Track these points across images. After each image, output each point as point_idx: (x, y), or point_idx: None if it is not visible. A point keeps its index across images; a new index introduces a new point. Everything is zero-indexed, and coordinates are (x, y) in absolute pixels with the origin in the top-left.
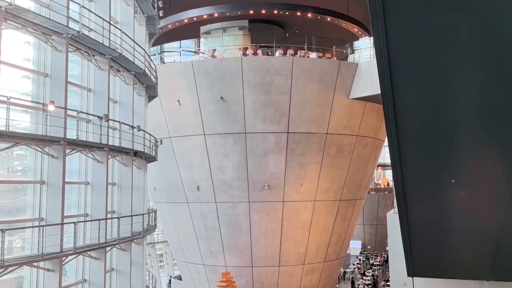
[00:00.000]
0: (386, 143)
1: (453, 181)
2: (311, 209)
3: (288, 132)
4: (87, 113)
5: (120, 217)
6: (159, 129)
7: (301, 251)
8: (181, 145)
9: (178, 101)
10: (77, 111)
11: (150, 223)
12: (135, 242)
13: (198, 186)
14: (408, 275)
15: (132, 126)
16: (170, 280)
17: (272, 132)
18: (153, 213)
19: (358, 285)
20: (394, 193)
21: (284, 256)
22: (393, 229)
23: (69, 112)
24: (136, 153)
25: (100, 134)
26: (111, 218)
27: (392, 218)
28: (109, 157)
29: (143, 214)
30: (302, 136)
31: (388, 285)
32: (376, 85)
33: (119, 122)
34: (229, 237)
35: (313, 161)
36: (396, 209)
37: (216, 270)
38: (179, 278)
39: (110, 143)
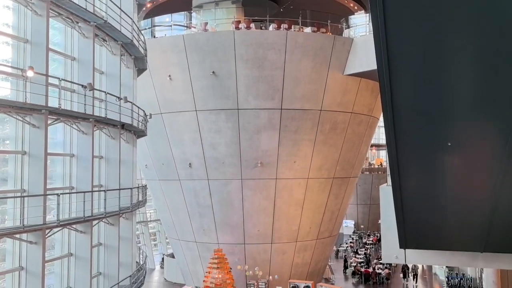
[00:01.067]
0: (380, 123)
1: (449, 144)
2: (304, 186)
3: (281, 109)
4: (70, 81)
5: (107, 190)
6: (150, 105)
7: (294, 229)
8: (173, 121)
9: (169, 76)
10: (59, 78)
11: (140, 198)
12: (123, 217)
13: (190, 163)
14: (400, 247)
15: (118, 97)
16: (163, 258)
17: (265, 108)
18: (142, 188)
19: (351, 263)
20: (388, 164)
21: (277, 234)
22: (385, 202)
23: (51, 80)
24: (123, 126)
25: (84, 104)
26: (97, 191)
27: (385, 190)
28: (95, 129)
29: (131, 188)
30: (296, 113)
31: (381, 263)
32: (371, 61)
33: (105, 92)
34: (221, 214)
35: (307, 138)
36: (389, 181)
37: (208, 247)
38: (172, 256)
39: (96, 114)
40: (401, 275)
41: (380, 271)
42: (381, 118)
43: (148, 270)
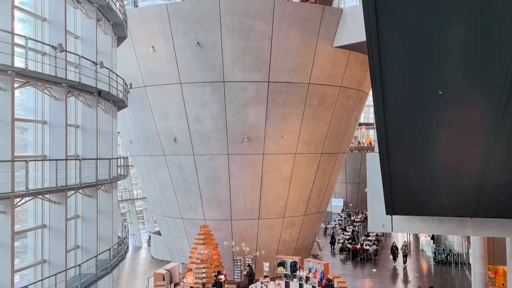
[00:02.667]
0: (369, 102)
1: (440, 92)
2: (291, 162)
3: (268, 82)
4: (38, 41)
5: (82, 159)
6: (133, 77)
7: (281, 204)
8: (157, 94)
9: (152, 47)
10: (25, 37)
11: (120, 171)
12: (103, 190)
13: (175, 138)
14: (387, 214)
15: (94, 62)
16: (150, 236)
17: (252, 81)
18: (122, 159)
19: (339, 239)
20: (375, 126)
21: (264, 209)
22: (372, 170)
23: (18, 40)
24: (100, 93)
25: (55, 67)
26: (71, 159)
27: (372, 158)
28: (69, 95)
29: (109, 159)
30: (284, 86)
31: (369, 240)
32: (361, 32)
33: (78, 55)
34: (207, 190)
35: (295, 112)
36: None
37: (194, 223)
38: (159, 234)
39: (70, 79)
40: (391, 256)
41: (368, 247)
42: (371, 94)
43: (135, 248)
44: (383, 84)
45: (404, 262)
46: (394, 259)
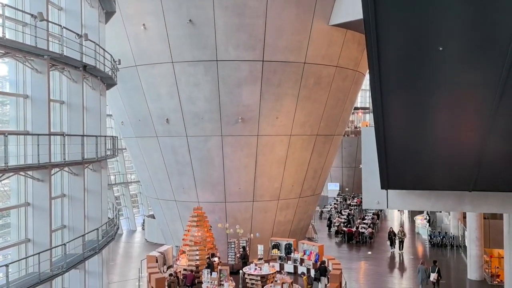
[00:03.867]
0: (365, 86)
1: (441, 48)
2: (286, 143)
3: (263, 61)
4: (19, 10)
5: (66, 135)
6: (124, 57)
7: (276, 186)
8: (148, 74)
9: (143, 25)
10: (2, 4)
11: (110, 151)
12: (90, 169)
13: (167, 119)
14: (382, 188)
15: (78, 34)
16: (144, 220)
17: (246, 60)
18: (111, 138)
19: (334, 222)
20: (370, 95)
21: (258, 192)
22: (368, 144)
23: None
24: (85, 68)
25: (36, 37)
26: (54, 135)
27: (367, 132)
28: (52, 68)
29: (96, 136)
30: (278, 65)
31: (365, 223)
32: (358, 10)
33: (60, 25)
34: (201, 172)
35: (290, 93)
36: (372, 122)
37: (188, 206)
38: (153, 217)
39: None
40: (388, 242)
41: (363, 230)
42: (367, 78)
43: (130, 231)
44: (379, 57)
45: (400, 248)
46: (392, 244)
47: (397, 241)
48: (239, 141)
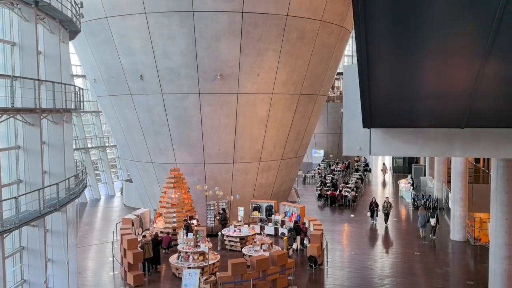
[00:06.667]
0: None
1: None
2: (268, 102)
3: (243, 12)
4: None
5: (14, 76)
6: (93, 7)
7: (257, 148)
8: (120, 26)
9: None
10: None
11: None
12: (51, 120)
13: (141, 75)
14: (364, 127)
15: None
16: (123, 185)
17: (225, 11)
18: (74, 87)
19: (317, 187)
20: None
21: (239, 153)
22: (350, 83)
23: None
24: (37, 4)
25: None
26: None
27: (350, 69)
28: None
29: (53, 82)
30: (259, 18)
31: (348, 187)
32: None
33: None
34: (178, 132)
35: (271, 48)
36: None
37: (165, 168)
38: (131, 181)
39: None
40: (369, 213)
41: (346, 193)
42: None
43: (108, 197)
44: None
45: (386, 221)
46: (372, 216)
47: (378, 213)
48: (218, 99)
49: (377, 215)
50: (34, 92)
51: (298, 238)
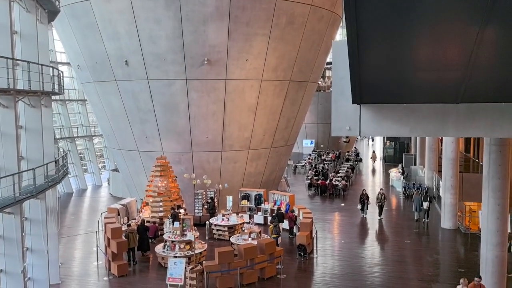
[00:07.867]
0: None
1: None
2: (257, 89)
3: None
4: None
5: None
6: None
7: (246, 136)
8: (103, 10)
9: None
10: None
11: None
12: (27, 103)
13: (126, 61)
14: (354, 103)
15: None
16: (109, 174)
17: None
18: (52, 69)
19: (308, 176)
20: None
21: (228, 141)
22: (339, 60)
23: None
24: None
25: None
26: None
27: (339, 45)
28: None
29: (28, 62)
30: (248, 1)
31: (339, 176)
32: None
33: None
34: (165, 119)
35: (260, 33)
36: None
37: (152, 156)
38: (118, 171)
39: None
40: (359, 206)
41: (337, 183)
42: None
43: (95, 187)
44: None
45: (380, 214)
46: (362, 209)
47: (369, 206)
48: (205, 86)
49: (367, 208)
50: (7, 71)
51: (281, 224)
